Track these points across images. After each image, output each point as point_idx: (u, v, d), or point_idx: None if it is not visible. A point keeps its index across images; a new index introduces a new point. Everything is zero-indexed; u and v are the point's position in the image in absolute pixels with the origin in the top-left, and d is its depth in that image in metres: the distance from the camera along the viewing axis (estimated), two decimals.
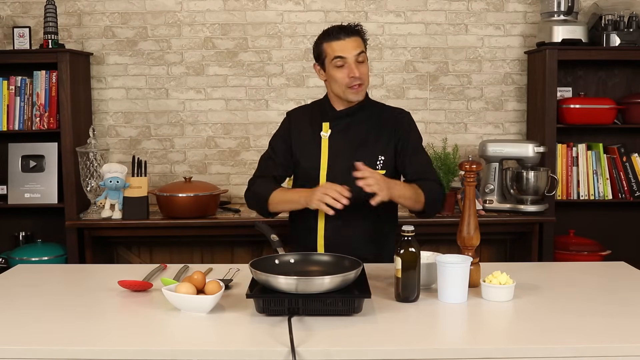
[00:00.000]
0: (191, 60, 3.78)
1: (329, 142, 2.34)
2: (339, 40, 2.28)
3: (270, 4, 3.76)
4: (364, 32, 2.36)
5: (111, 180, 3.27)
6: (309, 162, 2.36)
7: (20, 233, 3.68)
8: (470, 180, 2.04)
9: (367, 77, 2.33)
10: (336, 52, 2.28)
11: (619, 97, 3.72)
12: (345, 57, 2.27)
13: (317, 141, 2.36)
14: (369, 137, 2.35)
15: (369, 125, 2.37)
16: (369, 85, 2.40)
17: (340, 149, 2.33)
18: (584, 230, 3.66)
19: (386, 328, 1.73)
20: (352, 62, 2.27)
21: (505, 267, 2.16)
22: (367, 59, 2.34)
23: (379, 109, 2.43)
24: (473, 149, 3.81)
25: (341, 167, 2.30)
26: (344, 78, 2.28)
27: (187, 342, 1.65)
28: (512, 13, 3.79)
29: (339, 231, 2.33)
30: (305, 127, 2.39)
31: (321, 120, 2.38)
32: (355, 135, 2.35)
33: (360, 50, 2.29)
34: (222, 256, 3.61)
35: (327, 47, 2.30)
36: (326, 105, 2.40)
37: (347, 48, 2.27)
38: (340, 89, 2.32)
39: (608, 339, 1.64)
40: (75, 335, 1.69)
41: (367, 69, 2.33)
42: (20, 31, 3.54)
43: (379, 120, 2.38)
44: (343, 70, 2.28)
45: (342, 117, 2.37)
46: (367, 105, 2.41)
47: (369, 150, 2.33)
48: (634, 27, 3.52)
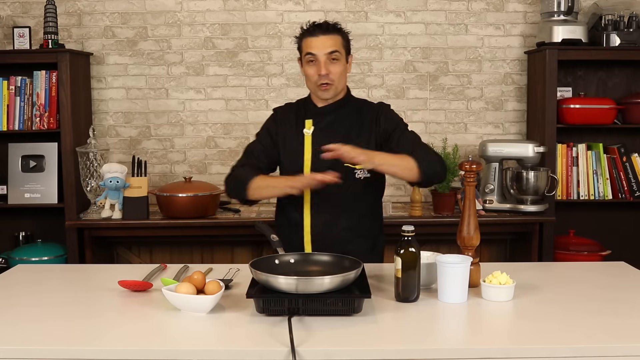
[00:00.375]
0: (191, 60, 3.78)
1: (312, 139, 2.35)
2: (314, 37, 2.29)
3: (270, 4, 3.76)
4: (345, 32, 2.36)
5: (111, 180, 3.27)
6: (293, 159, 2.36)
7: (20, 233, 3.68)
8: (470, 180, 2.04)
9: (340, 76, 2.31)
10: (308, 48, 2.30)
11: (619, 97, 3.71)
12: (315, 54, 2.28)
13: (300, 138, 2.36)
14: (351, 133, 2.35)
15: (350, 120, 2.37)
16: (343, 84, 2.37)
17: (323, 144, 2.32)
18: (584, 230, 3.66)
19: (386, 328, 1.73)
20: (323, 60, 2.28)
21: (505, 267, 2.16)
22: (343, 58, 2.32)
23: (359, 104, 2.44)
24: (473, 149, 3.82)
25: (324, 163, 2.30)
26: (313, 75, 2.30)
27: (187, 342, 1.65)
28: (512, 13, 3.79)
29: (325, 228, 2.33)
30: (290, 123, 2.40)
31: (304, 117, 2.39)
32: (338, 131, 2.35)
33: (334, 49, 2.28)
34: (222, 256, 3.61)
35: (304, 42, 2.33)
36: (308, 103, 2.42)
37: (319, 45, 2.28)
38: (311, 85, 2.35)
39: (608, 339, 1.64)
40: (75, 335, 1.69)
41: (341, 68, 2.31)
42: (20, 31, 3.54)
43: (359, 115, 2.39)
44: (314, 67, 2.30)
45: (323, 114, 2.38)
46: (348, 101, 2.41)
47: (352, 145, 2.32)
48: (634, 27, 3.52)
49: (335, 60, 2.29)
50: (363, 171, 2.32)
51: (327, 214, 2.33)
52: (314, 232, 2.34)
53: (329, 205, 2.32)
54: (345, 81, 2.39)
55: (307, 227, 2.34)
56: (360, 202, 2.36)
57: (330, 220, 2.33)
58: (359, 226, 2.37)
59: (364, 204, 2.38)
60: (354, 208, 2.35)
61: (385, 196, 3.77)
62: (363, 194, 2.37)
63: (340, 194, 2.31)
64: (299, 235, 2.35)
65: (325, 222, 2.33)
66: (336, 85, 2.32)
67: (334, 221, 2.33)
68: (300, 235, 2.35)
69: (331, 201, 2.32)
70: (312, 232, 2.34)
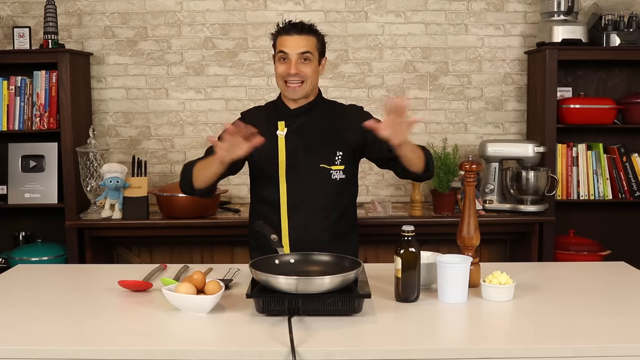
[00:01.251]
0: (191, 60, 3.78)
1: (285, 141, 2.33)
2: (287, 35, 2.29)
3: (270, 4, 3.76)
4: (321, 34, 2.35)
5: (111, 180, 3.27)
6: (267, 161, 2.33)
7: (20, 233, 3.68)
8: (470, 180, 2.04)
9: (310, 76, 2.29)
10: (281, 46, 2.29)
11: (619, 97, 3.71)
12: (287, 53, 2.28)
13: (273, 140, 2.34)
14: (325, 134, 2.34)
15: (324, 121, 2.37)
16: (314, 86, 2.34)
17: (297, 147, 2.32)
18: (584, 230, 3.66)
19: (386, 328, 1.73)
20: (294, 59, 2.27)
21: (505, 267, 2.17)
22: (315, 60, 2.31)
23: (332, 106, 2.44)
24: (473, 149, 3.82)
25: (299, 165, 2.30)
26: (282, 73, 2.29)
27: (187, 342, 1.65)
28: (512, 13, 3.79)
29: (302, 231, 2.31)
30: (261, 126, 2.32)
31: (276, 119, 2.37)
32: (312, 132, 2.34)
33: (306, 49, 2.28)
34: (222, 256, 3.61)
35: (278, 40, 2.32)
36: (280, 104, 2.40)
37: (292, 45, 2.27)
38: (279, 83, 2.33)
39: (608, 339, 1.64)
40: (75, 335, 1.69)
41: (312, 69, 2.29)
42: (20, 31, 3.54)
43: (333, 116, 2.38)
44: (284, 65, 2.29)
45: (296, 115, 2.36)
46: (320, 102, 2.41)
47: (327, 146, 2.33)
48: (634, 27, 3.52)
49: (307, 60, 2.28)
50: (339, 172, 2.32)
51: (303, 215, 2.31)
52: (292, 235, 2.31)
53: (305, 207, 2.31)
54: (317, 83, 2.37)
55: (285, 230, 2.31)
56: (336, 202, 2.35)
57: (307, 222, 2.31)
58: (336, 226, 2.36)
59: (339, 205, 2.36)
60: (330, 209, 2.33)
61: (386, 196, 3.82)
62: (339, 195, 2.35)
63: (317, 195, 2.31)
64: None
65: (302, 224, 2.31)
66: (305, 86, 2.30)
67: (311, 222, 2.31)
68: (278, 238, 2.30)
69: (307, 203, 2.31)
70: (290, 234, 2.31)
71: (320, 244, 2.24)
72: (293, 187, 2.31)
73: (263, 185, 2.37)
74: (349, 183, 2.38)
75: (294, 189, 2.31)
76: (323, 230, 2.32)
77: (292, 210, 2.31)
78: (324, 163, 2.31)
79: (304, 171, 2.30)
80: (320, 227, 2.32)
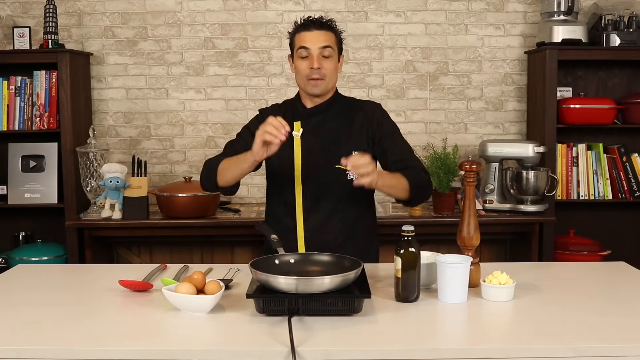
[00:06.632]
0: (191, 60, 3.78)
1: (301, 141, 2.32)
2: (307, 31, 2.29)
3: (270, 4, 3.76)
4: (338, 30, 2.35)
5: (111, 180, 3.27)
6: (283, 162, 2.32)
7: (20, 233, 3.68)
8: (470, 180, 2.04)
9: (331, 73, 2.29)
10: (301, 42, 2.28)
11: (619, 97, 3.72)
12: (309, 48, 2.27)
13: (289, 140, 2.30)
14: (341, 134, 2.33)
15: (339, 121, 2.35)
16: (334, 82, 2.35)
17: (313, 147, 2.31)
18: (584, 230, 3.66)
19: (386, 328, 1.73)
20: (316, 54, 2.26)
21: (505, 267, 2.16)
22: (335, 56, 2.31)
23: (348, 103, 2.42)
24: (473, 149, 3.82)
25: (315, 166, 2.29)
26: (305, 69, 2.28)
27: (187, 342, 1.65)
28: (512, 13, 3.79)
29: (319, 232, 2.30)
30: None
31: (292, 119, 2.35)
32: (327, 132, 2.33)
33: (327, 44, 2.27)
34: (222, 256, 3.61)
35: (297, 37, 2.31)
36: (297, 103, 2.39)
37: (312, 40, 2.27)
38: (301, 80, 2.31)
39: (608, 339, 1.64)
40: (75, 335, 1.69)
41: (333, 65, 2.30)
42: (20, 31, 3.54)
43: (349, 115, 2.36)
44: (305, 61, 2.28)
45: (312, 115, 2.35)
46: (337, 100, 2.39)
47: (342, 147, 2.31)
48: (634, 27, 3.52)
49: (328, 56, 2.28)
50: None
51: (319, 217, 2.30)
52: (308, 237, 2.30)
53: (321, 209, 2.30)
54: (336, 79, 2.36)
55: (301, 232, 2.30)
56: (352, 204, 2.34)
57: (323, 224, 2.30)
58: (353, 227, 2.35)
59: (356, 205, 2.35)
60: (346, 209, 2.32)
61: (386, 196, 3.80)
62: (355, 195, 2.32)
63: (332, 196, 2.30)
64: (292, 240, 2.30)
65: (318, 225, 2.30)
66: (327, 82, 2.29)
67: (327, 224, 2.31)
68: (293, 240, 2.30)
69: (323, 204, 2.30)
70: (306, 236, 2.30)
71: (336, 245, 2.23)
72: (308, 188, 2.30)
73: (278, 186, 2.36)
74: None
75: (309, 190, 2.29)
76: (339, 231, 2.31)
77: (307, 212, 2.30)
78: (340, 163, 2.28)
79: (319, 172, 2.28)
80: (336, 228, 2.31)
